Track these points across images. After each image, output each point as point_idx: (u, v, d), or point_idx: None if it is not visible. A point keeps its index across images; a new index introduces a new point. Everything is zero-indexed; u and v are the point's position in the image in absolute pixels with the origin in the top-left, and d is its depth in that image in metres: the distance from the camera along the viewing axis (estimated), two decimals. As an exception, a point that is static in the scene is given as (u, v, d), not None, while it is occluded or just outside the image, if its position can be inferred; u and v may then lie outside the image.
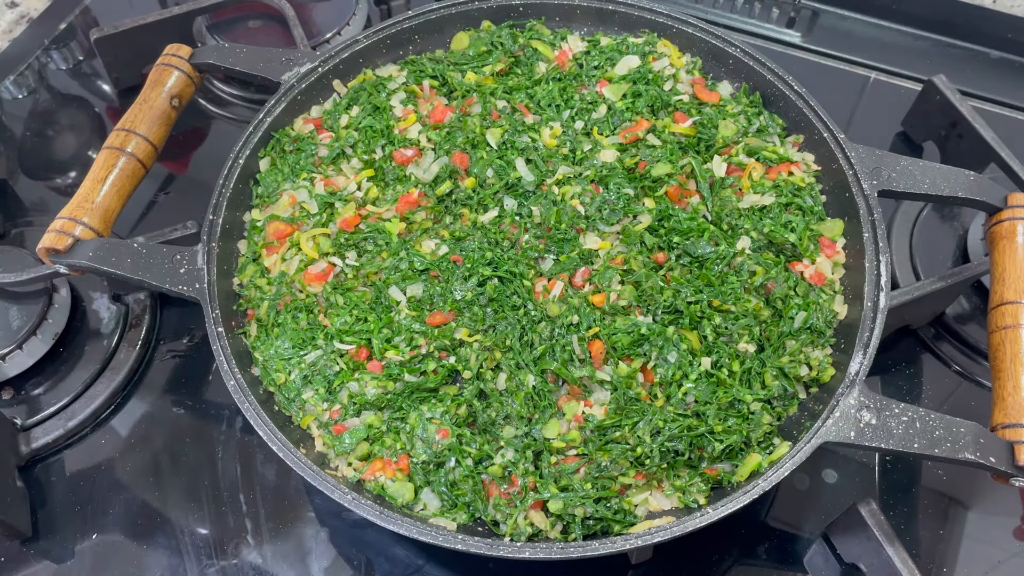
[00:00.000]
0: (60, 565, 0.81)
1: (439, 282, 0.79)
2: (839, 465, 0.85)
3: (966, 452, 0.67)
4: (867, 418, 0.69)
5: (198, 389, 0.92)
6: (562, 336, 0.75)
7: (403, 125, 0.88)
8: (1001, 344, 0.74)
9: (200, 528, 0.83)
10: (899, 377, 0.92)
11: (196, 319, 0.93)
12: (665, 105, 0.89)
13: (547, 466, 0.72)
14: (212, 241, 0.81)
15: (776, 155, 0.86)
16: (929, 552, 0.81)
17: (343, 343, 0.77)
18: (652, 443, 0.71)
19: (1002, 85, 1.14)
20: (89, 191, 0.83)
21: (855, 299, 0.78)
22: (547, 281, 0.78)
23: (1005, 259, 0.77)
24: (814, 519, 0.83)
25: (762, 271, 0.79)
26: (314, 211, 0.84)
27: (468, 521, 0.71)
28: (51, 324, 0.91)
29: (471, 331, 0.76)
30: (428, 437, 0.73)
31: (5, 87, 1.18)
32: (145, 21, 1.07)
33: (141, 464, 0.87)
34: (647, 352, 0.75)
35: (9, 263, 0.91)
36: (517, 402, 0.73)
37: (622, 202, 0.82)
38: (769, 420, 0.74)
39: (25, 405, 0.88)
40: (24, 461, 0.86)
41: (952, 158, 1.01)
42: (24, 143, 1.12)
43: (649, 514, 0.71)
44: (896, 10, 1.20)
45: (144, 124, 0.87)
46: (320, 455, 0.75)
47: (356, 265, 0.81)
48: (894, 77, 1.16)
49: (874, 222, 0.79)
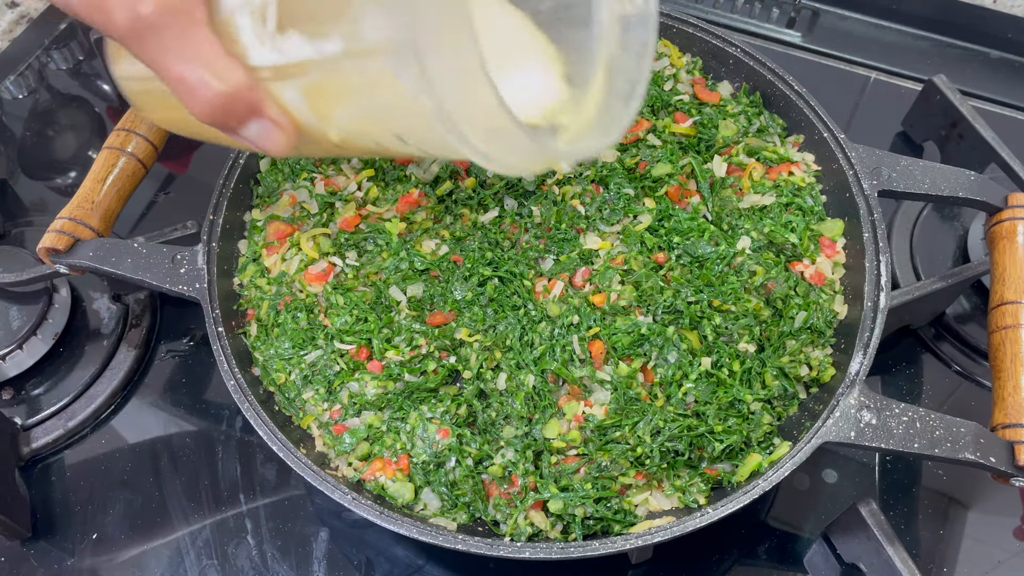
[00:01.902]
0: (60, 565, 0.81)
1: (439, 282, 0.79)
2: (839, 465, 0.85)
3: (966, 452, 0.67)
4: (867, 418, 0.69)
5: (198, 389, 0.92)
6: (562, 336, 0.75)
7: (403, 125, 0.88)
8: (1001, 344, 0.74)
9: (200, 528, 0.83)
10: (899, 377, 0.92)
11: (196, 319, 0.93)
12: (665, 105, 0.89)
13: (547, 466, 0.72)
14: (212, 241, 0.81)
15: (776, 155, 0.86)
16: (929, 552, 0.81)
17: (343, 343, 0.77)
18: (652, 443, 0.71)
19: (1002, 85, 1.14)
20: (89, 191, 0.83)
21: (855, 299, 0.78)
22: (547, 281, 0.78)
23: (1005, 259, 0.77)
24: (814, 519, 0.83)
25: (762, 271, 0.79)
26: (314, 211, 0.84)
27: (468, 521, 0.71)
28: (51, 324, 0.91)
29: (471, 331, 0.76)
30: (428, 437, 0.73)
31: (5, 87, 1.18)
32: (145, 21, 1.06)
33: (141, 464, 0.87)
34: (647, 352, 0.75)
35: (9, 263, 0.91)
36: (517, 402, 0.73)
37: (622, 202, 0.82)
38: (769, 420, 0.74)
39: (25, 405, 0.88)
40: (24, 461, 0.86)
41: (952, 158, 1.01)
42: (24, 143, 1.12)
43: (649, 514, 0.71)
44: (896, 10, 1.20)
45: (144, 124, 0.87)
46: (320, 455, 0.75)
47: (356, 265, 0.81)
48: (894, 77, 1.16)
49: (874, 222, 0.79)
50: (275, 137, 0.53)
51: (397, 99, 0.49)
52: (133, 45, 0.49)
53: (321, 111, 0.54)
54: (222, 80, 0.49)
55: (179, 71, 0.49)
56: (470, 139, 0.48)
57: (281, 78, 0.52)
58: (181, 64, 0.49)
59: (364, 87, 0.50)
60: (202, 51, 0.49)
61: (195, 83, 0.49)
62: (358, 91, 0.51)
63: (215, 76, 0.49)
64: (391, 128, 0.54)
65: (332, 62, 0.49)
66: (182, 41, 0.49)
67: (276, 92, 0.53)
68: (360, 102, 0.52)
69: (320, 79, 0.51)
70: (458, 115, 0.46)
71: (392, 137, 0.54)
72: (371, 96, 0.51)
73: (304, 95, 0.52)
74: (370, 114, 0.54)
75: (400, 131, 0.54)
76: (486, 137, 0.48)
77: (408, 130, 0.53)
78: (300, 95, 0.52)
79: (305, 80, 0.51)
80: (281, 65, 0.51)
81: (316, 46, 0.49)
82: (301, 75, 0.51)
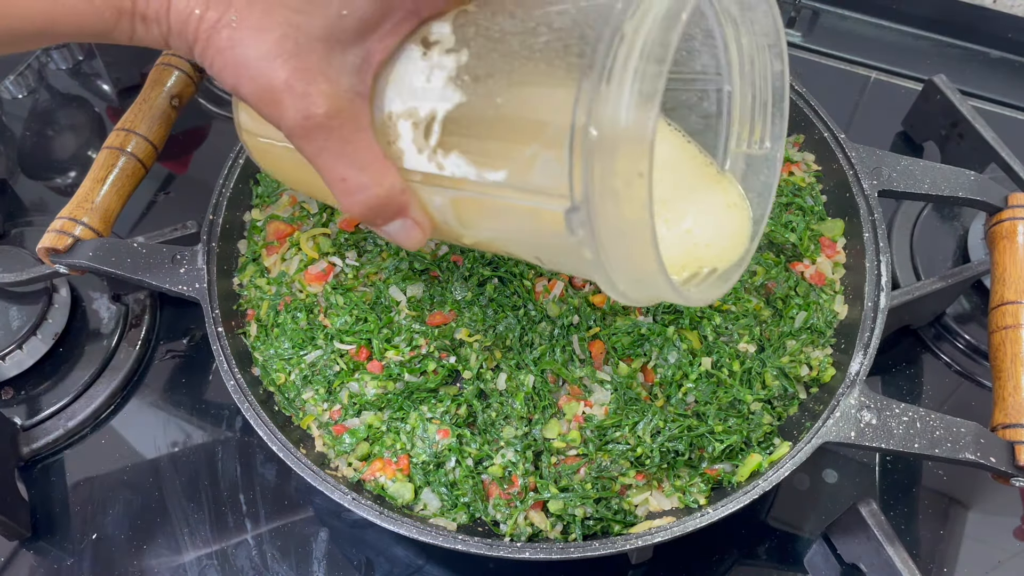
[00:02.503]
0: (60, 565, 0.81)
1: (439, 282, 0.79)
2: (839, 465, 0.85)
3: (966, 452, 0.67)
4: (867, 418, 0.69)
5: (198, 389, 0.92)
6: (562, 336, 0.75)
7: (403, 125, 0.88)
8: (1001, 344, 0.74)
9: (200, 528, 0.83)
10: (899, 377, 0.92)
11: (196, 319, 0.93)
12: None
13: (547, 466, 0.72)
14: (212, 241, 0.81)
15: (776, 155, 0.86)
16: (929, 552, 0.81)
17: (343, 343, 0.77)
18: (652, 443, 0.71)
19: (1002, 85, 1.14)
20: (89, 191, 0.83)
21: (855, 299, 0.78)
22: (547, 281, 0.78)
23: (1005, 259, 0.77)
24: (814, 519, 0.83)
25: (762, 271, 0.79)
26: (314, 211, 0.84)
27: (468, 521, 0.71)
28: (51, 324, 0.91)
29: (471, 331, 0.76)
30: (428, 437, 0.73)
31: (5, 87, 1.17)
32: (145, 21, 1.06)
33: (141, 464, 0.87)
34: (647, 352, 0.75)
35: (9, 263, 0.91)
36: (517, 402, 0.73)
37: (622, 202, 0.81)
38: (769, 420, 0.74)
39: (25, 405, 0.88)
40: (24, 461, 0.86)
41: (952, 158, 1.01)
42: (24, 143, 1.12)
43: (649, 514, 0.71)
44: (896, 10, 1.20)
45: (144, 124, 0.87)
46: (320, 455, 0.75)
47: (356, 265, 0.81)
48: (894, 77, 1.16)
49: (874, 222, 0.79)
50: (414, 235, 0.55)
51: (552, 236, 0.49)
52: (298, 141, 0.50)
53: (464, 220, 0.54)
54: (380, 186, 0.51)
55: (341, 172, 0.51)
56: (618, 285, 0.49)
57: (431, 184, 0.53)
58: (343, 166, 0.51)
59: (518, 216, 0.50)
60: (365, 156, 0.51)
61: (354, 187, 0.51)
62: (510, 216, 0.51)
63: (374, 182, 0.51)
64: (534, 252, 0.54)
65: (492, 188, 0.49)
66: (347, 145, 0.50)
67: (422, 195, 0.54)
68: (509, 225, 0.53)
69: (473, 196, 0.51)
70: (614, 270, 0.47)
71: (531, 256, 0.55)
72: (522, 225, 0.51)
73: (452, 204, 0.53)
74: (516, 236, 0.54)
75: (543, 257, 0.54)
76: (633, 285, 0.49)
77: (551, 258, 0.54)
78: (448, 203, 0.53)
79: (456, 194, 0.52)
80: (435, 175, 0.52)
81: (479, 172, 0.50)
82: (454, 188, 0.52)
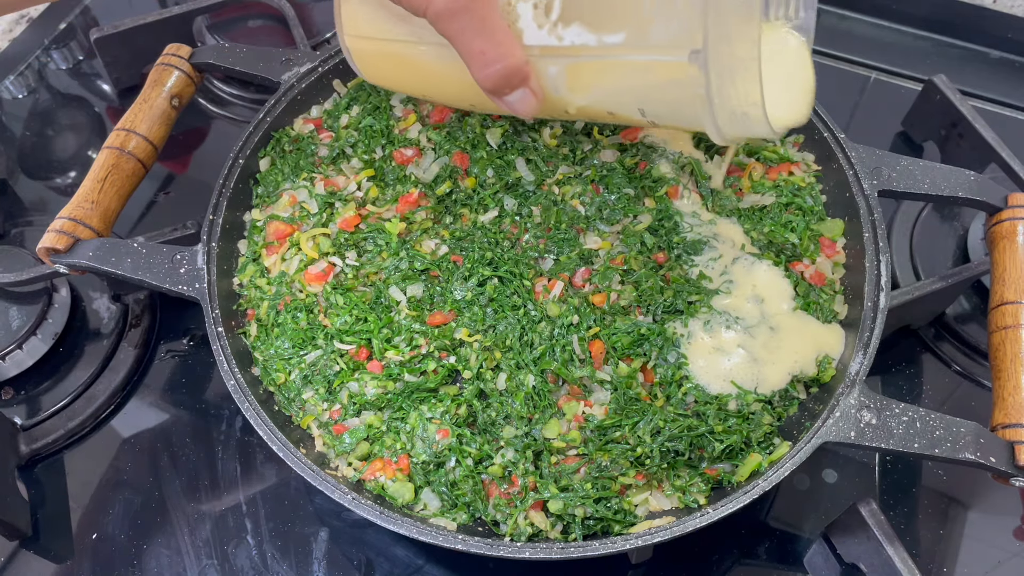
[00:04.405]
0: (60, 565, 0.81)
1: (439, 282, 0.79)
2: (839, 465, 0.85)
3: (966, 452, 0.67)
4: (867, 418, 0.69)
5: (198, 389, 0.92)
6: (562, 336, 0.75)
7: (403, 125, 0.88)
8: (1001, 344, 0.74)
9: (200, 528, 0.83)
10: (899, 377, 0.92)
11: (196, 319, 0.93)
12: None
13: (547, 466, 0.72)
14: (212, 241, 0.81)
15: (776, 155, 0.86)
16: (929, 552, 0.81)
17: (343, 343, 0.77)
18: (652, 443, 0.71)
19: (1002, 85, 1.14)
20: (89, 191, 0.83)
21: (855, 299, 0.78)
22: (547, 281, 0.78)
23: (1005, 259, 0.77)
24: (814, 519, 0.83)
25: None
26: (314, 211, 0.83)
27: (468, 521, 0.71)
28: (51, 324, 0.91)
29: (471, 331, 0.76)
30: (428, 437, 0.73)
31: (5, 87, 1.18)
32: (145, 21, 1.06)
33: (141, 464, 0.87)
34: (647, 352, 0.75)
35: (9, 263, 0.91)
36: (517, 402, 0.73)
37: (622, 202, 0.82)
38: (769, 420, 0.74)
39: (25, 405, 0.88)
40: (24, 461, 0.86)
41: (952, 158, 1.01)
42: (24, 143, 1.12)
43: (649, 514, 0.71)
44: (896, 10, 1.20)
45: (144, 124, 0.87)
46: (320, 455, 0.75)
47: (356, 265, 0.81)
48: (894, 77, 1.16)
49: (874, 222, 0.79)
50: (530, 103, 0.64)
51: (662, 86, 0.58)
52: (443, 23, 0.60)
53: (576, 85, 0.63)
54: (513, 56, 0.61)
55: (480, 47, 0.61)
56: (718, 119, 0.57)
57: (548, 55, 0.62)
58: (482, 41, 0.60)
59: (632, 71, 0.59)
60: (498, 32, 0.61)
61: (492, 58, 0.61)
62: (624, 73, 0.61)
63: (508, 53, 0.61)
64: (640, 103, 0.63)
65: (610, 50, 0.59)
66: (484, 23, 0.60)
67: (539, 67, 0.63)
68: (621, 82, 0.62)
69: (588, 61, 0.61)
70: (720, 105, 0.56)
71: (634, 110, 0.63)
72: (635, 79, 0.60)
73: (566, 72, 0.63)
74: (626, 92, 0.63)
75: (647, 106, 0.62)
76: (731, 120, 0.58)
77: (656, 107, 0.62)
78: (562, 71, 0.63)
79: (572, 60, 0.62)
80: (553, 46, 0.61)
81: (598, 38, 0.59)
82: (570, 56, 0.61)
